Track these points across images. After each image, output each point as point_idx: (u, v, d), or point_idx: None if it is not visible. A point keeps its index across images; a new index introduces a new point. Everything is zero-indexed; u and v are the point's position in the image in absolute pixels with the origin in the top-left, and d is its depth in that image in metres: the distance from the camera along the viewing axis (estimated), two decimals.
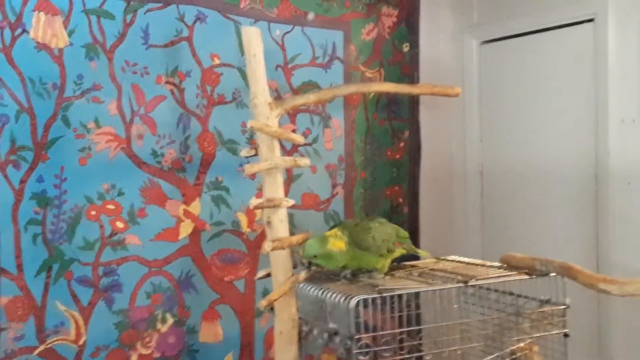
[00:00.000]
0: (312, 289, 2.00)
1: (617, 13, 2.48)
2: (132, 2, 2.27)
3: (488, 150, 2.96)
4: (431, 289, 1.99)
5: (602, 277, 1.91)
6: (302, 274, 2.05)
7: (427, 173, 2.95)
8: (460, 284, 2.01)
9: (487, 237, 2.89)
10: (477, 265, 2.29)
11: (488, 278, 2.09)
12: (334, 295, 1.90)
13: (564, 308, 2.06)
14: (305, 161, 2.06)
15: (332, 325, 1.90)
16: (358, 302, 1.83)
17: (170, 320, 2.36)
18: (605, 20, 2.49)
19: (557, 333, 2.07)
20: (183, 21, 2.37)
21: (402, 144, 2.88)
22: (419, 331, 2.18)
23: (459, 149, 3.02)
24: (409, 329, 1.98)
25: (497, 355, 2.04)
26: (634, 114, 2.42)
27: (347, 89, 2.26)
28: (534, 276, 2.08)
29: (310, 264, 2.01)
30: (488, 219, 2.93)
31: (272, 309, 2.06)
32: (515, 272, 2.13)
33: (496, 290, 2.18)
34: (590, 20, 2.57)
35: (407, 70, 2.89)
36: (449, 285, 2.00)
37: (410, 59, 2.89)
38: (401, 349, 1.98)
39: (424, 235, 2.94)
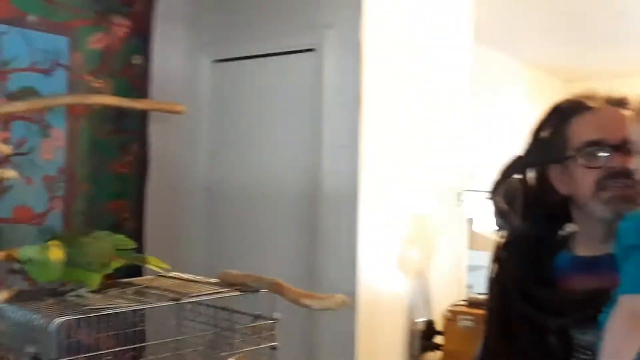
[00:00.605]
0: (15, 310, 1.88)
1: (335, 45, 2.68)
2: None
3: (217, 168, 3.02)
4: (140, 307, 1.95)
5: (304, 293, 2.04)
6: (3, 294, 1.91)
7: (155, 188, 2.93)
8: (172, 302, 2.02)
9: (212, 254, 2.94)
10: (194, 282, 2.32)
11: (200, 295, 2.13)
12: (36, 316, 1.80)
13: (272, 322, 2.16)
14: (10, 173, 1.94)
15: (30, 350, 1.79)
16: (62, 323, 1.75)
17: None
18: (323, 51, 2.69)
19: (265, 346, 2.17)
20: None
21: (129, 158, 2.83)
22: (142, 350, 2.15)
23: (187, 166, 3.04)
24: (121, 348, 1.94)
25: None
26: (346, 141, 2.63)
27: (63, 100, 2.18)
28: (245, 292, 2.16)
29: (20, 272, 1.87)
30: (214, 236, 2.98)
31: None
32: (229, 289, 2.19)
33: (212, 307, 2.23)
34: (311, 50, 2.74)
35: (137, 83, 2.85)
36: (159, 304, 1.99)
37: (141, 72, 2.86)
38: None
39: (150, 251, 2.91)
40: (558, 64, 5.31)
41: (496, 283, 1.63)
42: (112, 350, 1.90)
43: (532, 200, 1.54)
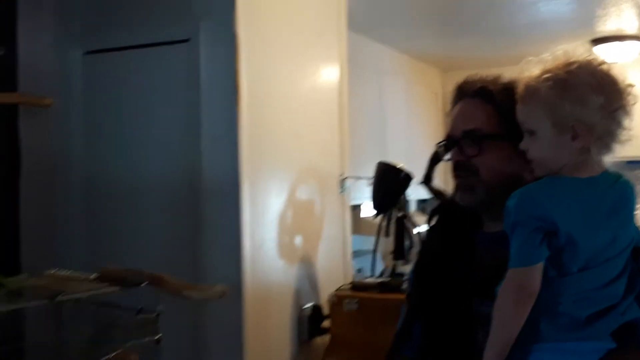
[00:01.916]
0: None
1: (209, 36, 2.67)
2: None
3: (94, 162, 2.93)
4: (14, 307, 1.90)
5: (185, 285, 2.04)
6: None
7: (29, 184, 2.82)
8: (46, 300, 1.96)
9: (93, 250, 2.85)
10: (73, 279, 2.26)
11: (79, 292, 2.08)
12: None
13: (155, 316, 2.14)
14: None
15: None
16: None
17: None
18: (198, 42, 2.67)
19: (149, 340, 2.15)
20: None
21: None
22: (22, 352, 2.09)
23: (62, 160, 2.93)
24: None
25: None
26: (224, 132, 2.63)
27: None
28: (125, 287, 2.12)
29: None
30: (94, 232, 2.90)
31: None
32: (109, 285, 2.15)
33: (93, 304, 2.18)
34: (186, 40, 2.72)
35: (2, 75, 2.72)
36: (34, 302, 1.94)
37: (6, 63, 2.73)
38: None
39: (26, 249, 2.80)
40: (435, 54, 5.51)
41: (420, 255, 1.72)
42: None
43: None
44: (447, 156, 1.64)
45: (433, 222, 1.70)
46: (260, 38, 2.77)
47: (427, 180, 1.83)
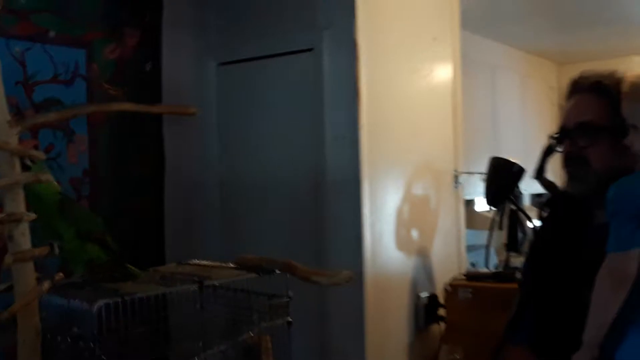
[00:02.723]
0: (57, 298, 2.10)
1: (331, 45, 2.89)
2: None
3: (228, 164, 3.23)
4: (169, 290, 2.19)
5: (314, 271, 2.26)
6: (46, 284, 2.13)
7: (172, 185, 3.16)
8: (196, 285, 2.24)
9: (227, 244, 3.16)
10: (214, 267, 2.54)
11: (222, 277, 2.36)
12: (78, 301, 2.02)
13: (287, 300, 2.38)
14: (46, 177, 2.16)
15: (75, 331, 2.02)
16: (101, 306, 1.98)
17: None
18: (321, 50, 2.90)
19: (281, 322, 2.39)
20: None
21: (147, 159, 3.06)
22: (167, 333, 2.37)
23: (200, 164, 3.26)
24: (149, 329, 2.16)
25: (231, 344, 2.29)
26: (345, 132, 2.85)
27: (87, 109, 2.41)
28: (261, 274, 2.38)
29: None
30: (228, 226, 3.21)
31: (14, 320, 2.11)
32: (246, 272, 2.42)
33: (232, 289, 2.45)
34: (310, 49, 2.96)
35: (150, 89, 3.07)
36: (186, 286, 2.22)
37: (153, 78, 3.08)
38: (150, 350, 2.16)
39: (170, 243, 3.14)
40: (550, 48, 5.48)
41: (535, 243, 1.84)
42: (144, 330, 2.13)
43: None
44: (560, 148, 1.75)
45: (545, 214, 1.83)
46: (378, 43, 2.96)
47: (539, 173, 1.94)
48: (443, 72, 3.46)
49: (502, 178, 2.98)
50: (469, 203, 4.11)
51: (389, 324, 2.96)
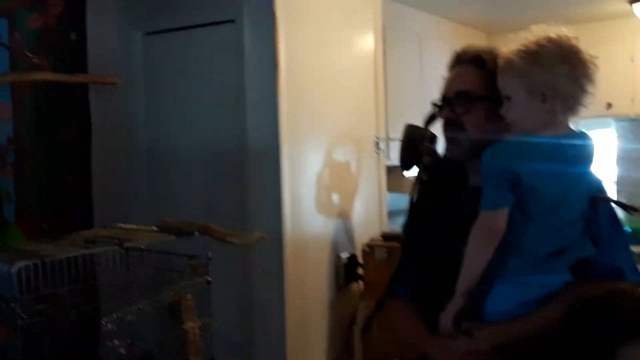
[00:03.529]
0: None
1: (251, 16, 3.00)
2: None
3: (154, 131, 3.33)
4: (89, 252, 2.30)
5: (229, 232, 2.40)
6: None
7: (99, 152, 3.24)
8: (116, 246, 2.36)
9: (154, 208, 3.26)
10: (137, 230, 2.65)
11: (143, 240, 2.47)
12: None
13: (206, 261, 2.51)
14: None
15: None
16: (21, 267, 2.07)
17: None
18: (242, 21, 3.00)
19: (201, 281, 2.53)
20: None
21: (73, 126, 3.12)
22: (96, 294, 2.48)
23: (127, 131, 3.34)
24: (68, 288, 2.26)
25: (150, 302, 2.40)
26: (264, 99, 2.97)
27: (7, 78, 2.46)
28: (180, 236, 2.50)
29: None
30: (155, 192, 3.31)
31: None
32: (166, 235, 2.54)
33: (154, 251, 2.57)
34: (232, 21, 3.05)
35: (75, 58, 3.12)
36: (105, 248, 2.33)
37: (78, 47, 3.13)
38: (74, 309, 2.26)
39: (97, 208, 3.23)
40: (479, 18, 5.64)
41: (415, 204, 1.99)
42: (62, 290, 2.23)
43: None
44: (440, 115, 1.86)
45: (425, 177, 1.99)
46: (297, 14, 3.07)
47: (420, 140, 2.09)
48: (364, 42, 3.60)
49: (413, 144, 3.13)
50: (397, 168, 4.26)
51: (310, 282, 3.12)
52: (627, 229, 1.96)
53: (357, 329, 3.29)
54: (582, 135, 1.76)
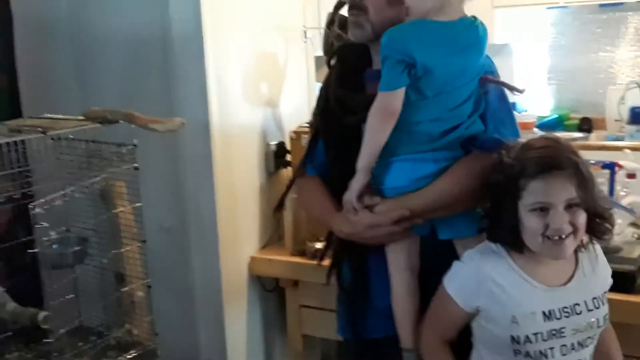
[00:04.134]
0: None
1: None
2: None
3: (78, 20, 3.28)
4: (12, 139, 2.36)
5: (151, 119, 2.48)
6: None
7: (22, 41, 3.22)
8: (40, 135, 2.42)
9: (82, 98, 3.27)
10: (63, 120, 2.71)
11: (67, 128, 2.54)
12: None
13: (132, 147, 2.59)
14: None
15: None
16: None
17: None
18: None
19: (129, 168, 2.62)
20: None
21: None
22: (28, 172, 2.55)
23: (50, 20, 3.29)
24: None
25: (77, 188, 2.49)
26: None
27: None
28: (104, 123, 2.57)
29: None
30: (81, 81, 3.32)
31: None
32: (91, 123, 2.60)
33: (85, 141, 2.65)
34: None
35: None
36: (27, 136, 2.40)
37: None
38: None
39: (25, 98, 3.25)
40: None
41: (324, 88, 2.10)
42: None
43: None
44: None
45: (333, 62, 2.09)
46: None
47: (329, 24, 2.18)
48: None
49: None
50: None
51: (238, 168, 3.23)
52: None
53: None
54: (475, 21, 1.88)
